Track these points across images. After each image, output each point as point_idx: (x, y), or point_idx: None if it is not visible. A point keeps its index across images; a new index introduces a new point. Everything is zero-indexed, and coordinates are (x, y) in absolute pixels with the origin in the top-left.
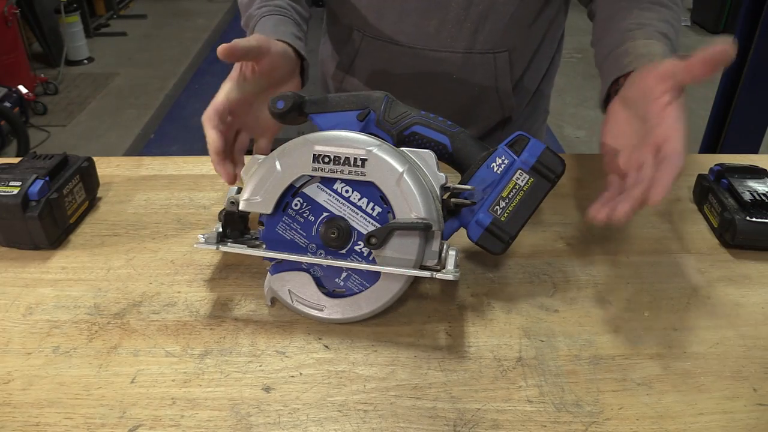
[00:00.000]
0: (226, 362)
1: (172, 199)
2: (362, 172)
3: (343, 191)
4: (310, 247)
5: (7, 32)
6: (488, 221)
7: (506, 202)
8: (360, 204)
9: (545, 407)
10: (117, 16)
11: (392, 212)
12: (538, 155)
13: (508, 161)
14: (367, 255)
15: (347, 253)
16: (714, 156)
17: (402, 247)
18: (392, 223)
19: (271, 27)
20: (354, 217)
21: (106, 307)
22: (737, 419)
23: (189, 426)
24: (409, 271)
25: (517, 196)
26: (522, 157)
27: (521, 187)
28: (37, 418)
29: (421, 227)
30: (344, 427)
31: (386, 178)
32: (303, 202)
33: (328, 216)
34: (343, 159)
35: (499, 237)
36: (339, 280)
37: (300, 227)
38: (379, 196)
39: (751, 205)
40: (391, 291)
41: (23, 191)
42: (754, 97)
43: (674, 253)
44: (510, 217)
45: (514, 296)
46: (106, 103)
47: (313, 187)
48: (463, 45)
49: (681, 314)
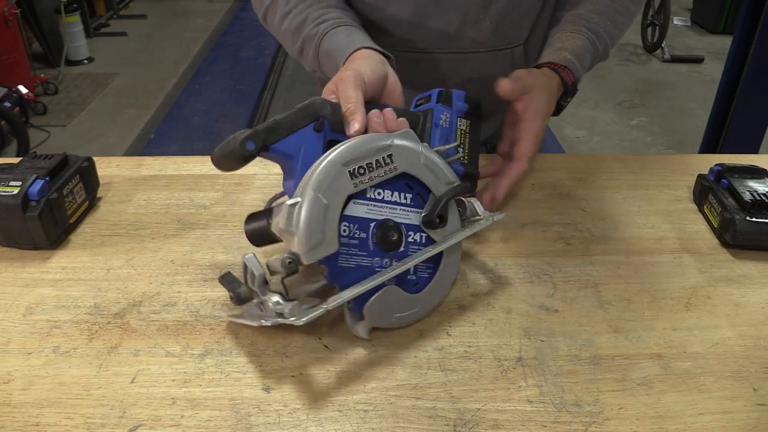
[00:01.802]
0: (226, 362)
1: (172, 199)
2: (394, 168)
3: (377, 195)
4: (375, 261)
5: (7, 32)
6: (461, 169)
7: (462, 148)
8: (394, 199)
9: (545, 407)
10: (117, 16)
11: (421, 192)
12: (464, 99)
13: (449, 114)
14: (421, 241)
15: (405, 248)
16: (714, 156)
17: (451, 217)
18: (441, 196)
19: (343, 39)
20: (395, 213)
21: (106, 307)
22: (737, 419)
23: (189, 426)
24: (473, 228)
25: (466, 139)
26: (455, 106)
27: (465, 131)
28: (37, 418)
29: (464, 188)
30: (344, 427)
31: (413, 162)
32: (350, 225)
33: (376, 224)
34: (375, 163)
35: (470, 177)
36: (411, 276)
37: (358, 249)
38: (405, 185)
39: (751, 205)
40: (456, 260)
41: (23, 191)
42: (754, 97)
43: (674, 253)
44: (469, 158)
45: (514, 296)
46: (106, 103)
47: (350, 205)
48: (483, 44)
49: (681, 314)
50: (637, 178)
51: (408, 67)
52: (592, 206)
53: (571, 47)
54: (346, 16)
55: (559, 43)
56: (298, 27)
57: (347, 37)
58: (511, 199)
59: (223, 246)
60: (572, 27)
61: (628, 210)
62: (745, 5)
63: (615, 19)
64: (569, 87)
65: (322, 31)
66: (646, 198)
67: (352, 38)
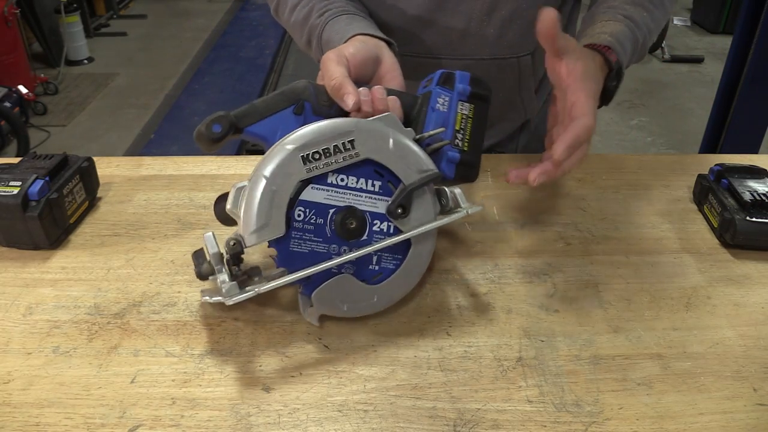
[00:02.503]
0: (226, 362)
1: (172, 199)
2: (356, 153)
3: (339, 181)
4: (332, 248)
5: (7, 32)
6: (458, 156)
7: (462, 134)
8: (359, 186)
9: (545, 407)
10: (117, 16)
11: (391, 180)
12: (469, 82)
13: (448, 97)
14: (389, 230)
15: (369, 237)
16: (714, 156)
17: (420, 206)
18: (409, 185)
19: (342, 27)
20: (360, 201)
21: (106, 307)
22: (737, 419)
23: (189, 426)
24: (443, 220)
25: (468, 125)
26: (457, 89)
27: (467, 116)
28: (37, 418)
29: (435, 177)
30: (344, 427)
31: (380, 148)
32: (305, 210)
33: (336, 210)
34: (333, 148)
35: (470, 165)
36: (373, 266)
37: (313, 234)
38: (373, 171)
39: (751, 205)
40: (427, 251)
41: (23, 191)
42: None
43: (674, 253)
44: (470, 145)
45: (514, 296)
46: (106, 103)
47: (308, 190)
48: (488, 51)
49: (681, 314)
50: (637, 178)
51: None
52: (592, 206)
53: (610, 31)
54: (350, 5)
55: (595, 30)
56: (305, 18)
57: (347, 25)
58: (511, 199)
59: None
60: (607, 16)
61: (628, 210)
62: (745, 5)
63: (651, 11)
64: (614, 65)
65: (324, 20)
66: (646, 198)
67: (351, 26)
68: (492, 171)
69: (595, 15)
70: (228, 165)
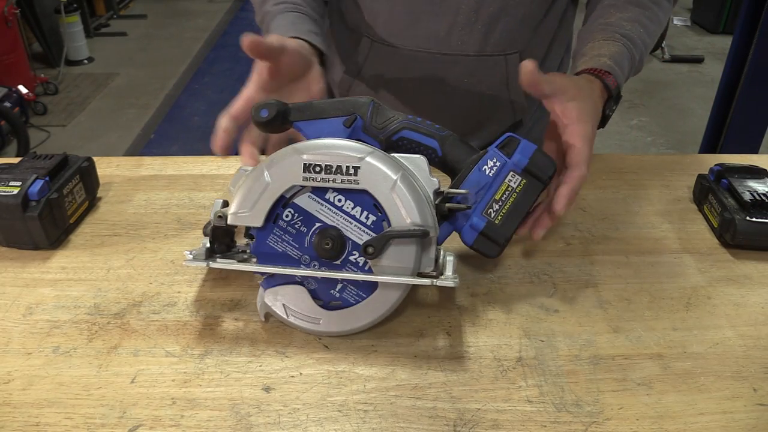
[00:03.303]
0: (226, 362)
1: (172, 199)
2: (355, 181)
3: (336, 200)
4: (304, 258)
5: (7, 32)
6: (482, 225)
7: (499, 205)
8: (354, 213)
9: (545, 407)
10: (117, 16)
11: (387, 220)
12: (530, 156)
13: (500, 163)
14: (362, 265)
15: (342, 263)
16: (714, 156)
17: (399, 255)
18: (389, 231)
19: (288, 24)
20: (348, 227)
21: (106, 307)
22: (737, 419)
23: (189, 426)
24: (407, 279)
25: (510, 199)
26: (514, 158)
27: (514, 189)
28: (37, 418)
29: (418, 234)
30: (344, 427)
31: (380, 186)
32: (294, 213)
33: (321, 226)
34: (335, 167)
35: (494, 240)
36: (335, 292)
37: (292, 239)
38: (372, 204)
39: (751, 205)
40: (389, 301)
41: (23, 191)
42: (754, 97)
43: (674, 253)
44: (503, 219)
45: (514, 296)
46: (106, 103)
47: (305, 197)
48: (474, 48)
49: (681, 314)
50: (637, 178)
51: (397, 66)
52: (592, 206)
53: (608, 53)
54: (307, 4)
55: (593, 51)
56: (262, 1)
57: (291, 24)
58: None
59: None
60: (604, 35)
61: (628, 210)
62: (745, 5)
63: (647, 26)
64: (613, 91)
65: (275, 12)
66: (646, 198)
67: (295, 27)
68: None
69: (592, 33)
70: (228, 165)
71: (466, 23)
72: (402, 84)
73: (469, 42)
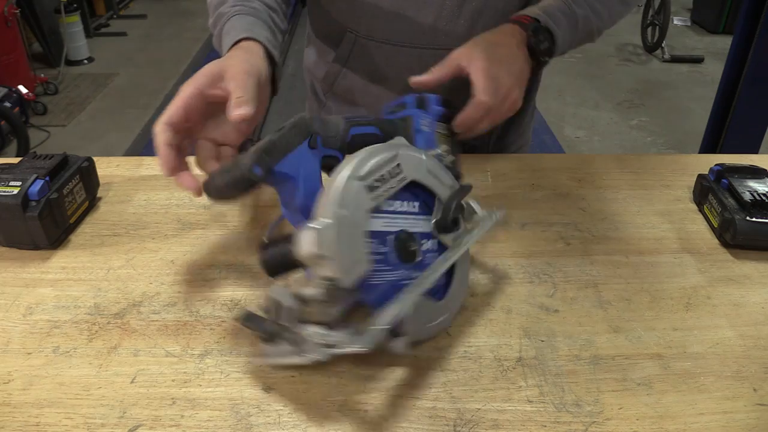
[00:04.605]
0: (226, 362)
1: (172, 199)
2: (404, 177)
3: (389, 207)
4: (401, 275)
5: (7, 32)
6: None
7: (445, 151)
8: (404, 209)
9: (545, 407)
10: (117, 16)
11: (426, 200)
12: (440, 104)
13: (429, 119)
14: (433, 248)
15: (422, 258)
16: (714, 156)
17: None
18: (449, 200)
19: (244, 25)
20: (408, 223)
21: (106, 307)
22: (737, 419)
23: (189, 426)
24: (484, 228)
25: (448, 142)
26: (432, 111)
27: (445, 134)
28: (37, 418)
29: (467, 190)
30: (344, 427)
31: (419, 169)
32: (371, 240)
33: (393, 237)
34: (387, 174)
35: (459, 178)
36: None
37: (383, 264)
38: (410, 193)
39: (751, 205)
40: (467, 259)
41: (23, 191)
42: (754, 97)
43: (674, 253)
44: (453, 160)
45: (514, 296)
46: (106, 103)
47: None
48: (458, 41)
49: (681, 314)
50: (637, 178)
51: (381, 60)
52: (592, 206)
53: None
54: (266, 12)
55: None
56: (218, 3)
57: (247, 25)
58: (511, 199)
59: (223, 246)
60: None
61: (628, 210)
62: (745, 5)
63: None
64: (529, 26)
65: (231, 13)
66: (646, 198)
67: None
68: (492, 171)
69: None
70: None
71: (450, 17)
72: (387, 78)
73: (452, 35)
